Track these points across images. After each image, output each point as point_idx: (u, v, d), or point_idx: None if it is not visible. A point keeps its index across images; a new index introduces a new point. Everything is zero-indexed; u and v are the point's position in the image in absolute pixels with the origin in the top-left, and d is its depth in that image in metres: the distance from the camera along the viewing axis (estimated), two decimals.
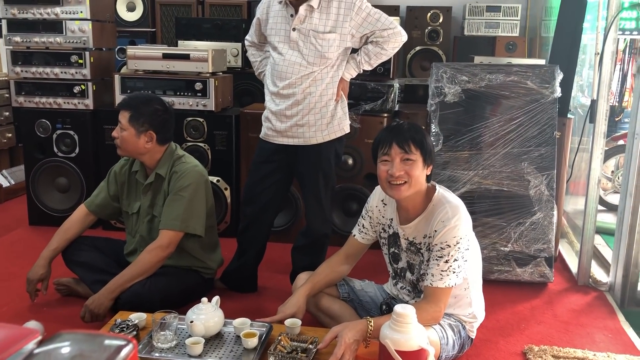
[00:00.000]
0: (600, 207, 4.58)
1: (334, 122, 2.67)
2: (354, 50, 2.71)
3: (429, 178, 2.12)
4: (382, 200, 2.27)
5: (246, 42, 2.90)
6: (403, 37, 2.65)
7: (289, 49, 2.59)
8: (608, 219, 4.08)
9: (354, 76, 2.73)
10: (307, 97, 2.60)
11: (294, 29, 2.56)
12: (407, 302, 2.18)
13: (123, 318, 2.15)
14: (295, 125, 2.64)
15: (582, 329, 2.64)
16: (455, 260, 2.01)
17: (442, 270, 2.01)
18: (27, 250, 3.37)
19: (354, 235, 2.37)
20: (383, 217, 2.27)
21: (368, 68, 2.72)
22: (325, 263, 2.39)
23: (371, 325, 1.90)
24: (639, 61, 2.87)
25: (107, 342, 0.69)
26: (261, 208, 2.79)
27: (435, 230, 2.04)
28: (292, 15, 2.57)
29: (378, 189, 2.28)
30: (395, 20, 2.67)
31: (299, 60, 2.57)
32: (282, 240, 3.41)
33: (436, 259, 2.03)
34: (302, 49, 2.57)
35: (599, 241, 3.81)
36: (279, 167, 2.75)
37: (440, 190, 2.13)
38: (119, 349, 0.67)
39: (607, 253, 3.39)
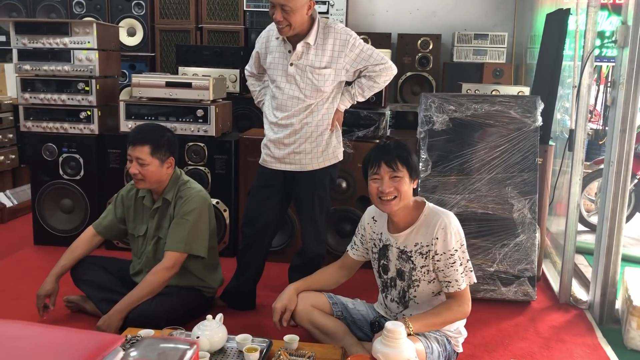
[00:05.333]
0: (584, 228, 4.81)
1: (328, 150, 2.85)
2: (348, 83, 2.90)
3: (415, 192, 2.31)
4: (373, 217, 2.47)
5: (246, 73, 3.07)
6: (393, 70, 2.84)
7: (287, 83, 2.76)
8: (591, 239, 4.25)
9: (348, 107, 2.92)
10: (304, 127, 2.78)
11: (291, 64, 2.73)
12: (397, 316, 2.36)
13: (133, 334, 2.29)
14: (292, 152, 2.82)
15: (562, 345, 2.80)
16: (468, 260, 2.26)
17: (461, 274, 2.23)
18: (33, 269, 3.50)
19: (348, 252, 2.58)
20: (374, 232, 2.45)
21: (361, 100, 2.91)
22: (321, 269, 2.65)
23: None
24: (612, 93, 3.07)
25: (179, 344, 0.85)
26: (260, 229, 2.96)
27: (437, 238, 2.23)
28: (290, 52, 2.74)
29: (370, 208, 2.49)
30: (386, 55, 2.86)
31: (296, 94, 2.75)
32: (279, 260, 3.56)
33: (451, 266, 2.22)
34: (299, 83, 2.74)
35: (581, 261, 3.98)
36: (276, 191, 2.92)
37: (430, 204, 2.34)
38: (188, 348, 0.84)
39: (589, 272, 3.55)
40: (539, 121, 3.24)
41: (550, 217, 3.90)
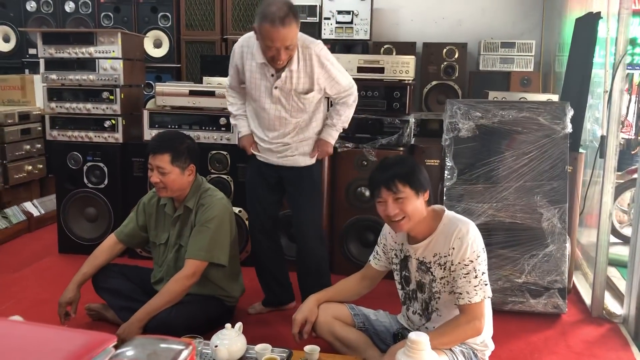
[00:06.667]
0: (616, 240, 4.66)
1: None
2: None
3: (432, 200, 2.22)
4: None
5: (228, 90, 2.97)
6: (356, 94, 2.87)
7: (272, 104, 2.75)
8: (623, 252, 4.12)
9: (336, 139, 2.93)
10: (293, 138, 2.82)
11: (275, 87, 2.70)
12: (420, 329, 2.28)
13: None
14: (284, 157, 2.86)
15: None
16: (483, 273, 2.13)
17: (474, 286, 2.11)
18: (57, 277, 3.52)
19: (370, 261, 2.51)
20: (395, 242, 2.38)
21: (345, 126, 2.91)
22: (342, 280, 2.55)
23: None
24: None
25: (173, 344, 0.81)
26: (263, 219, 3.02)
27: (453, 248, 2.14)
28: (272, 75, 2.69)
29: None
30: (410, 62, 2.83)
31: (283, 115, 2.76)
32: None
33: (464, 277, 2.12)
34: (285, 105, 2.75)
35: (614, 273, 3.85)
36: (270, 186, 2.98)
37: (449, 212, 2.25)
38: (182, 349, 0.80)
39: (622, 285, 3.43)
40: (569, 128, 3.14)
41: (580, 228, 3.77)
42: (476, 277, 2.11)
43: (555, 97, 3.92)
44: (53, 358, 0.74)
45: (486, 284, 2.13)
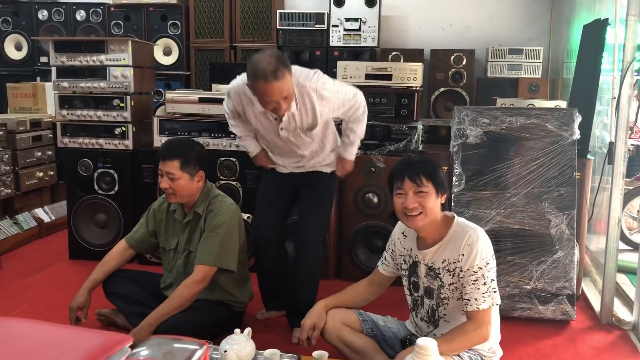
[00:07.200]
0: (625, 247, 4.63)
1: (332, 163, 2.97)
2: None
3: (444, 206, 2.23)
4: (403, 233, 2.39)
5: (228, 119, 2.97)
6: (364, 102, 2.85)
7: (281, 141, 2.81)
8: (633, 258, 4.10)
9: (354, 154, 2.96)
10: (310, 161, 2.91)
11: (281, 129, 2.74)
12: (428, 335, 2.28)
13: None
14: (303, 168, 2.93)
15: None
16: (492, 280, 2.13)
17: (483, 293, 2.10)
18: (67, 283, 3.54)
19: (378, 267, 2.51)
20: (404, 248, 2.39)
21: (361, 138, 2.94)
22: (350, 286, 2.55)
23: None
24: None
25: (187, 344, 0.83)
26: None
27: (463, 254, 2.14)
28: (275, 119, 2.72)
29: (400, 223, 2.41)
30: (418, 69, 2.84)
31: (294, 148, 2.85)
32: None
33: (472, 283, 2.12)
34: (294, 141, 2.81)
35: (623, 280, 3.83)
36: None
37: (460, 218, 2.25)
38: (197, 349, 0.81)
39: (632, 292, 3.41)
40: (577, 134, 3.15)
41: (589, 235, 3.76)
42: (485, 284, 2.11)
43: (563, 104, 3.92)
44: (72, 357, 0.76)
45: (495, 291, 2.13)
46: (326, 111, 2.73)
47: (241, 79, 2.70)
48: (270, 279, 3.11)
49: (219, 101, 3.68)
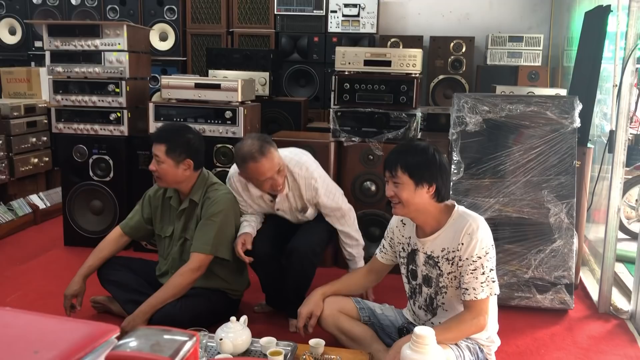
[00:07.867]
0: (623, 236, 4.62)
1: None
2: None
3: (440, 197, 2.18)
4: (402, 220, 2.37)
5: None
6: (352, 212, 2.98)
7: (280, 218, 2.95)
8: (631, 248, 4.09)
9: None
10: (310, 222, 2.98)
11: (277, 210, 2.89)
12: (425, 324, 2.26)
13: None
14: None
15: (602, 356, 2.67)
16: (491, 270, 2.10)
17: (481, 283, 2.08)
18: (62, 270, 3.52)
19: (376, 255, 2.49)
20: (402, 236, 2.36)
21: (362, 245, 3.01)
22: (348, 274, 2.56)
23: None
24: None
25: (176, 335, 0.80)
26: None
27: (462, 243, 2.11)
28: (270, 201, 2.87)
29: None
30: (417, 55, 2.79)
31: (294, 221, 2.97)
32: None
33: (471, 273, 2.09)
34: (291, 218, 2.95)
35: (621, 269, 3.82)
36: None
37: (460, 207, 2.22)
38: (186, 340, 0.79)
39: (630, 281, 3.40)
40: (577, 122, 3.11)
41: (588, 224, 3.75)
42: (483, 273, 2.09)
43: (563, 92, 3.89)
44: (55, 348, 0.73)
45: (494, 281, 2.11)
46: (312, 200, 2.85)
47: (233, 169, 2.86)
48: (275, 283, 2.98)
49: (216, 87, 3.65)
